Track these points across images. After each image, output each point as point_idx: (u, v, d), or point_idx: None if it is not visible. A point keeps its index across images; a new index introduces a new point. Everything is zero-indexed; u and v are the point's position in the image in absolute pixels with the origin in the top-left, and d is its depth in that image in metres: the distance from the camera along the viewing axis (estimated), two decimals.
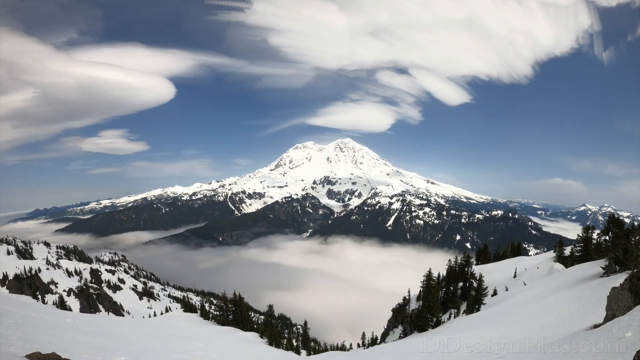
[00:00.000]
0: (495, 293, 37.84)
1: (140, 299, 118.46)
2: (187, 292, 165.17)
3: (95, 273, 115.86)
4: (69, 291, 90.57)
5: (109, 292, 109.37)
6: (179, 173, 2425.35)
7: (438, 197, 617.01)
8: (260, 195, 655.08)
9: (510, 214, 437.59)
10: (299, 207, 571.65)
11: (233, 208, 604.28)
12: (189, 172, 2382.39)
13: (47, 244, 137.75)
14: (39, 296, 73.54)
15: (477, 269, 45.70)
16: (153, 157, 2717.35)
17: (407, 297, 47.55)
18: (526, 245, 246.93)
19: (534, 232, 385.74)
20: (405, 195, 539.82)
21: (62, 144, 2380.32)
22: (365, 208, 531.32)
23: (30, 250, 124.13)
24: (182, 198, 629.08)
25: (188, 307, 77.98)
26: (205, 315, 54.66)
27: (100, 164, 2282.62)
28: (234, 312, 52.56)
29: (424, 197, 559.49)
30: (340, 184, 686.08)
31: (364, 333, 60.60)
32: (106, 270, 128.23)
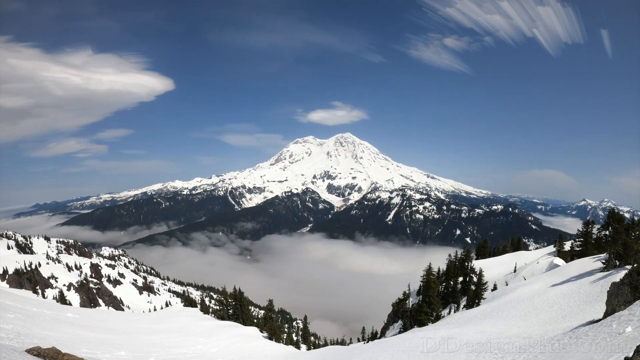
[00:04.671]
0: (495, 288, 37.92)
1: (140, 293, 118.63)
2: (187, 287, 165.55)
3: (95, 268, 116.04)
4: (69, 286, 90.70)
5: (109, 286, 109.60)
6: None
7: (438, 191, 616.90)
8: (261, 190, 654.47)
9: (510, 209, 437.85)
10: (299, 202, 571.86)
11: (233, 203, 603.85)
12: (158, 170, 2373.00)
13: (47, 239, 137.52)
14: (39, 291, 73.94)
15: (477, 264, 45.73)
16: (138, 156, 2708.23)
17: (407, 292, 47.57)
18: (526, 240, 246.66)
19: (534, 227, 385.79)
20: (405, 190, 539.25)
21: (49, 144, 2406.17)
22: (365, 203, 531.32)
23: (30, 245, 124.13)
24: (182, 192, 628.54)
25: (188, 301, 78.30)
26: (205, 309, 54.87)
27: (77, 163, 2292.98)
28: (234, 307, 52.74)
29: (424, 192, 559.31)
30: (340, 178, 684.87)
31: (363, 328, 60.91)
32: (106, 264, 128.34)
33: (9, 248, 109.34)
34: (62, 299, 71.93)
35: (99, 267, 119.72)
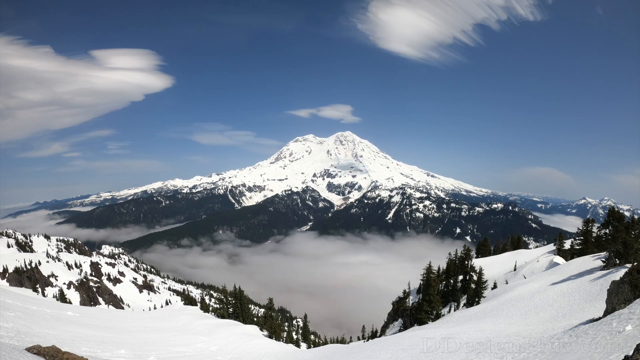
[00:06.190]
0: (495, 286, 37.89)
1: (140, 291, 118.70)
2: (187, 285, 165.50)
3: (95, 266, 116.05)
4: (69, 284, 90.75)
5: (109, 285, 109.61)
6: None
7: (438, 190, 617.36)
8: (261, 188, 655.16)
9: (510, 207, 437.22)
10: (299, 200, 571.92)
11: (233, 201, 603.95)
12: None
13: (47, 237, 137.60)
14: (39, 289, 73.91)
15: (477, 262, 45.72)
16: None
17: (407, 291, 47.64)
18: (526, 239, 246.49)
19: (534, 225, 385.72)
20: (405, 188, 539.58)
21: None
22: (365, 201, 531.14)
23: (30, 243, 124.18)
24: (182, 191, 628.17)
25: (188, 300, 78.46)
26: (205, 308, 54.88)
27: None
28: (234, 305, 52.77)
29: (424, 190, 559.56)
30: (340, 177, 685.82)
31: (363, 326, 60.91)
32: (106, 263, 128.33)
33: (9, 246, 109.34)
34: (62, 298, 71.94)
35: (99, 266, 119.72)
